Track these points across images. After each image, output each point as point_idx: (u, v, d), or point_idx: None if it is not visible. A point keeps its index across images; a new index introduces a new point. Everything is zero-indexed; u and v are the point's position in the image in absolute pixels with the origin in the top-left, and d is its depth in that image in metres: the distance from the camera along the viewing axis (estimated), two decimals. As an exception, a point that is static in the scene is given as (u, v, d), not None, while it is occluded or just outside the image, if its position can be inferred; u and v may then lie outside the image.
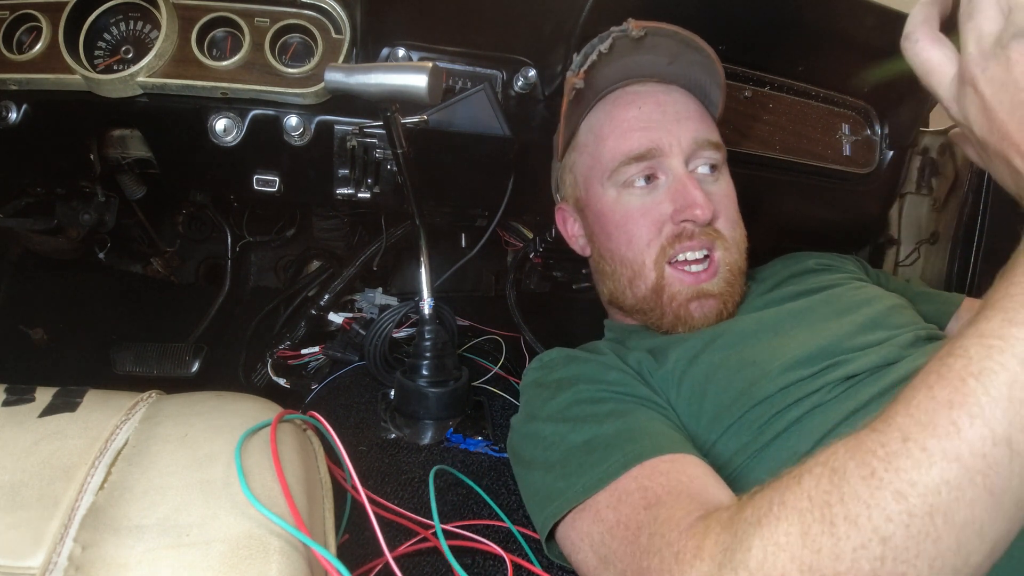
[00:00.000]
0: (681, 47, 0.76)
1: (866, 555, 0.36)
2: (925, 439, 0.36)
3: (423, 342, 0.80)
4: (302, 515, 0.39)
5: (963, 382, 0.36)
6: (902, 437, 0.37)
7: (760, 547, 0.39)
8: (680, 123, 0.76)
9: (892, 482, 0.36)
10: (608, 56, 0.75)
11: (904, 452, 0.36)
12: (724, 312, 0.75)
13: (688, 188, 0.72)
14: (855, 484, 0.37)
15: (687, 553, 0.43)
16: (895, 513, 0.35)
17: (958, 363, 0.37)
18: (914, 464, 0.36)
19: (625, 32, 0.74)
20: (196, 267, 1.41)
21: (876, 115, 1.10)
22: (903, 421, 0.38)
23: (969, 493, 0.35)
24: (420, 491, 0.68)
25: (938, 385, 0.37)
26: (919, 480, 0.35)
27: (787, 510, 0.39)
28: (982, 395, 0.36)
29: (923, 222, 1.23)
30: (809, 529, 0.37)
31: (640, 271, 0.76)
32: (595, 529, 0.54)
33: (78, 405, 0.44)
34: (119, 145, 0.91)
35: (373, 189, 0.90)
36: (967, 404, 0.36)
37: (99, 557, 0.34)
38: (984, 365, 0.36)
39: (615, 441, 0.58)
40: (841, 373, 0.63)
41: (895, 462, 0.36)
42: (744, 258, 0.78)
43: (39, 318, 1.17)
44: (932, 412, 0.37)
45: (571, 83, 0.76)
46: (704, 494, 0.50)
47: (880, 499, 0.36)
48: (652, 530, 0.48)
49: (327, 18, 0.85)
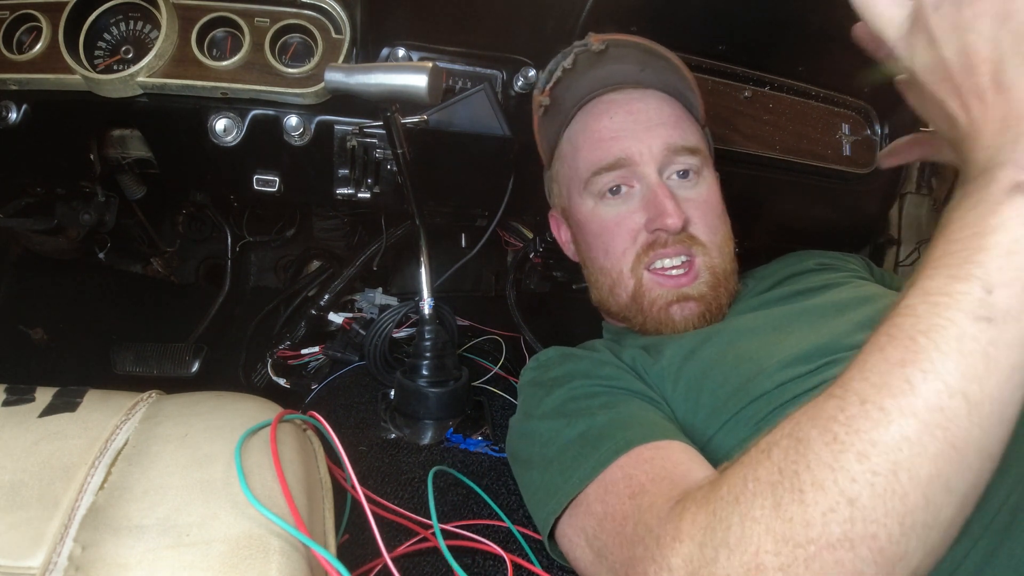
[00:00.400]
0: (646, 55, 0.77)
1: (835, 518, 0.36)
2: (882, 399, 0.37)
3: (423, 342, 0.80)
4: (302, 515, 0.39)
5: (913, 340, 0.37)
6: (859, 400, 0.38)
7: (738, 523, 0.39)
8: (652, 130, 0.76)
9: (854, 444, 0.37)
10: (573, 71, 0.77)
11: (863, 414, 0.37)
12: (707, 315, 0.75)
13: (659, 197, 0.73)
14: (819, 450, 0.38)
15: (667, 537, 0.44)
16: (859, 473, 0.36)
17: (906, 322, 0.38)
18: (873, 424, 0.37)
19: (587, 46, 0.76)
20: (196, 267, 1.41)
21: (876, 115, 1.10)
22: (859, 385, 0.38)
23: (931, 447, 0.35)
24: (420, 491, 0.68)
25: (889, 346, 0.38)
26: (879, 439, 0.36)
27: (761, 485, 0.39)
28: (932, 351, 0.36)
29: (923, 222, 1.23)
30: (780, 500, 0.38)
31: (619, 279, 0.77)
32: (588, 523, 0.54)
33: (78, 405, 0.44)
34: (119, 145, 0.91)
35: (373, 189, 0.90)
36: (918, 361, 0.37)
37: (99, 557, 0.34)
38: (932, 322, 0.37)
39: (607, 431, 0.58)
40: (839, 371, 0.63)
41: (854, 424, 0.37)
42: (729, 260, 0.78)
43: (39, 318, 1.17)
44: (885, 373, 0.38)
45: (537, 101, 0.80)
46: (687, 477, 0.51)
47: (844, 461, 0.37)
48: (637, 519, 0.48)
49: (327, 18, 0.85)
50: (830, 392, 0.40)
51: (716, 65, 0.98)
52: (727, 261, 0.77)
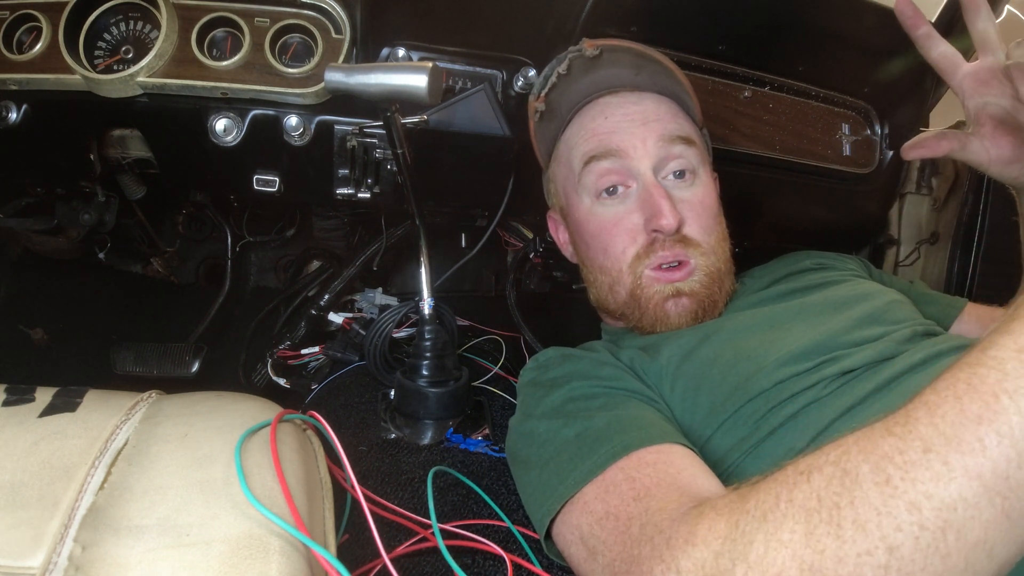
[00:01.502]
0: (641, 59, 0.78)
1: (870, 562, 0.35)
2: (948, 453, 0.35)
3: (423, 342, 0.80)
4: (302, 515, 0.39)
5: (996, 398, 0.35)
6: (923, 447, 0.35)
7: (763, 541, 0.38)
8: (647, 125, 0.76)
9: (907, 492, 0.35)
10: (568, 76, 0.78)
11: (924, 463, 0.35)
12: (701, 313, 0.74)
13: (654, 197, 0.73)
14: (867, 489, 0.36)
15: (679, 539, 0.43)
16: (906, 523, 0.34)
17: (991, 376, 0.35)
18: (933, 477, 0.34)
19: (581, 52, 0.77)
20: (196, 267, 1.41)
21: (876, 115, 1.10)
22: (926, 431, 0.36)
23: (986, 513, 0.34)
24: (420, 491, 0.68)
25: (967, 396, 0.36)
26: (936, 494, 0.34)
27: (795, 508, 0.38)
28: (1014, 415, 0.34)
29: (923, 222, 1.23)
30: (815, 529, 0.37)
31: (618, 277, 0.77)
32: (584, 521, 0.54)
33: (78, 405, 0.44)
34: (119, 145, 0.91)
35: (373, 189, 0.90)
36: (997, 422, 0.34)
37: (99, 557, 0.34)
38: (1020, 384, 0.34)
39: (605, 433, 0.58)
40: (837, 368, 0.63)
41: (913, 472, 0.35)
42: (724, 261, 0.78)
43: (39, 318, 1.17)
44: (958, 425, 0.35)
45: (533, 107, 0.81)
46: (694, 486, 0.50)
47: (893, 507, 0.35)
48: (644, 520, 0.48)
49: (327, 18, 0.85)
50: (889, 427, 0.38)
51: (716, 65, 0.98)
52: (722, 262, 0.77)
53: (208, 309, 1.26)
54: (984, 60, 0.63)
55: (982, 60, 0.63)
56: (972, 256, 1.13)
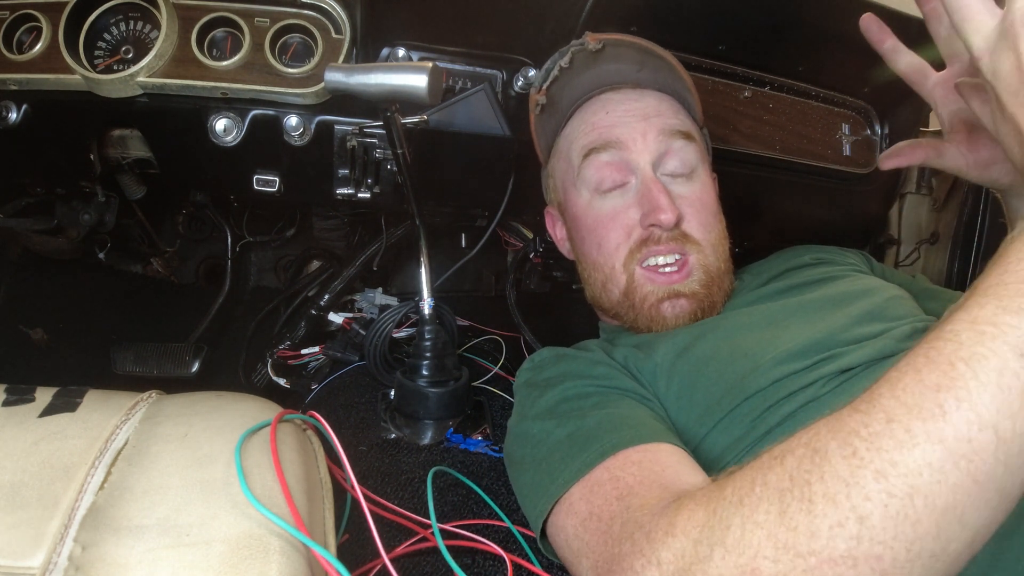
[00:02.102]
0: (644, 55, 0.78)
1: (842, 533, 0.35)
2: (910, 420, 0.36)
3: (423, 342, 0.80)
4: (302, 515, 0.39)
5: (952, 366, 0.36)
6: (886, 418, 0.37)
7: (739, 525, 0.39)
8: (648, 120, 0.76)
9: (873, 461, 0.36)
10: (570, 70, 0.78)
11: (887, 432, 0.36)
12: (699, 313, 0.74)
13: (653, 192, 0.73)
14: (836, 463, 0.37)
15: (659, 531, 0.43)
16: (874, 492, 0.35)
17: (948, 347, 0.37)
18: (896, 444, 0.35)
19: (583, 45, 0.76)
20: (196, 267, 1.41)
21: (876, 115, 1.10)
22: (888, 403, 0.37)
23: (952, 477, 0.34)
24: (420, 491, 0.68)
25: (926, 368, 0.37)
26: (901, 460, 0.35)
27: (769, 490, 0.39)
28: (971, 379, 0.35)
29: (923, 222, 1.23)
30: (787, 508, 0.37)
31: (611, 275, 0.76)
32: (569, 522, 0.54)
33: (78, 405, 0.44)
34: (119, 145, 0.91)
35: (373, 189, 0.90)
36: (955, 388, 0.35)
37: (99, 557, 0.34)
38: (975, 350, 0.36)
39: (595, 432, 0.58)
40: (835, 367, 0.62)
41: (877, 442, 0.36)
42: (723, 259, 0.77)
43: (39, 318, 1.17)
44: (918, 395, 0.36)
45: (534, 100, 0.80)
46: (677, 482, 0.50)
47: (860, 477, 0.36)
48: (625, 518, 0.48)
49: (327, 18, 0.85)
50: (855, 406, 0.39)
51: (716, 65, 0.98)
52: (721, 260, 0.76)
53: (208, 309, 1.26)
54: (952, 68, 0.63)
55: (950, 68, 0.63)
56: (972, 256, 1.13)
